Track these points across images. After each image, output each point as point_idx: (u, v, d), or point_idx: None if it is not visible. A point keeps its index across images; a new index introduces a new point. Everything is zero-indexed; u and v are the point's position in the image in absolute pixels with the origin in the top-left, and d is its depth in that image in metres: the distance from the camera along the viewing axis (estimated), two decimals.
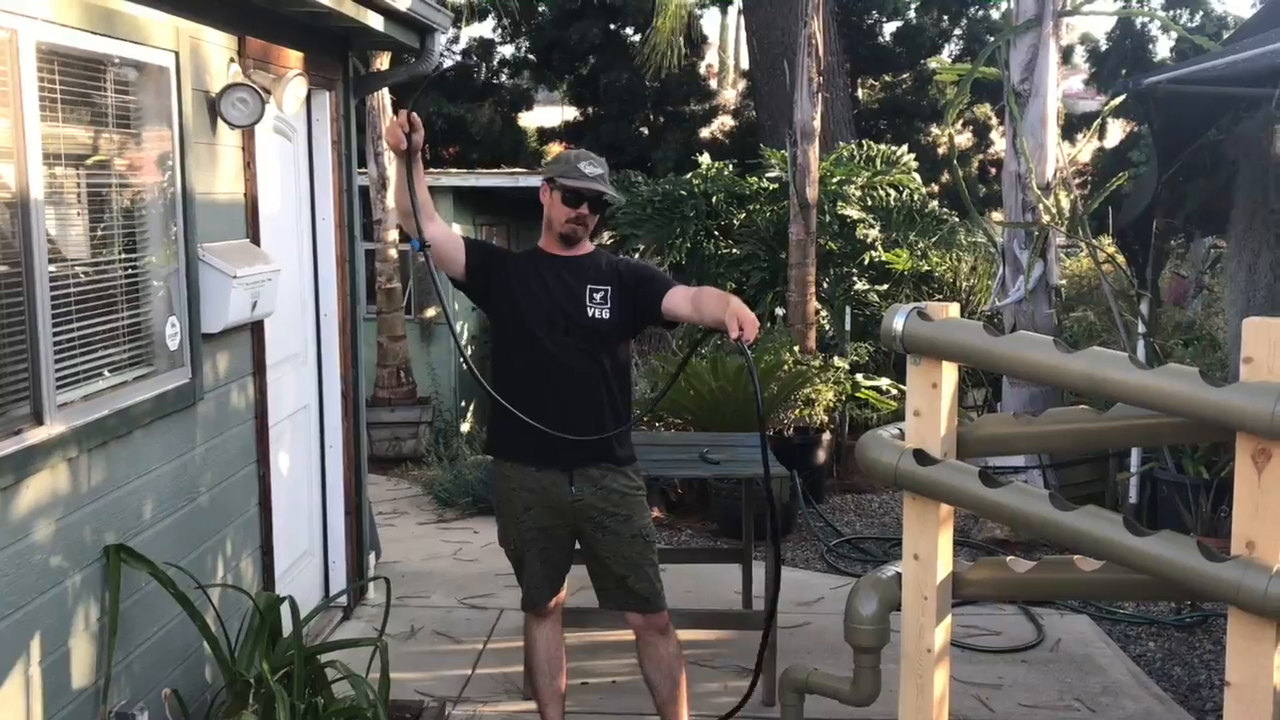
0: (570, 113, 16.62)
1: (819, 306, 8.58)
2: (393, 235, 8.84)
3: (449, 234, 3.44)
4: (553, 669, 3.61)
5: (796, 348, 7.53)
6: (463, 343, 9.92)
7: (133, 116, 3.34)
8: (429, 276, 3.68)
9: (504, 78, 16.50)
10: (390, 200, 8.78)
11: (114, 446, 3.14)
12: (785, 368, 6.99)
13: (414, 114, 3.19)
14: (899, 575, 3.02)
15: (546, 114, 17.91)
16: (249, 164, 3.94)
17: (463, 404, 9.82)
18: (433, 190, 9.48)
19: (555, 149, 16.37)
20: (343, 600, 4.91)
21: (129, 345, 3.30)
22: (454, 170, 10.90)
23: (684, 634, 4.31)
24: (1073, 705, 4.09)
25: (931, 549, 2.89)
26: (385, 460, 8.47)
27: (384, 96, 8.73)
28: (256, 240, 3.99)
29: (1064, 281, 6.75)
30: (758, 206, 9.77)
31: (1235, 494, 2.44)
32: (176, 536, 3.47)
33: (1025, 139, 6.34)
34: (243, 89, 3.67)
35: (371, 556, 5.37)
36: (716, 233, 9.85)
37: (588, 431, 3.33)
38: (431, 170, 10.72)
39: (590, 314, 3.39)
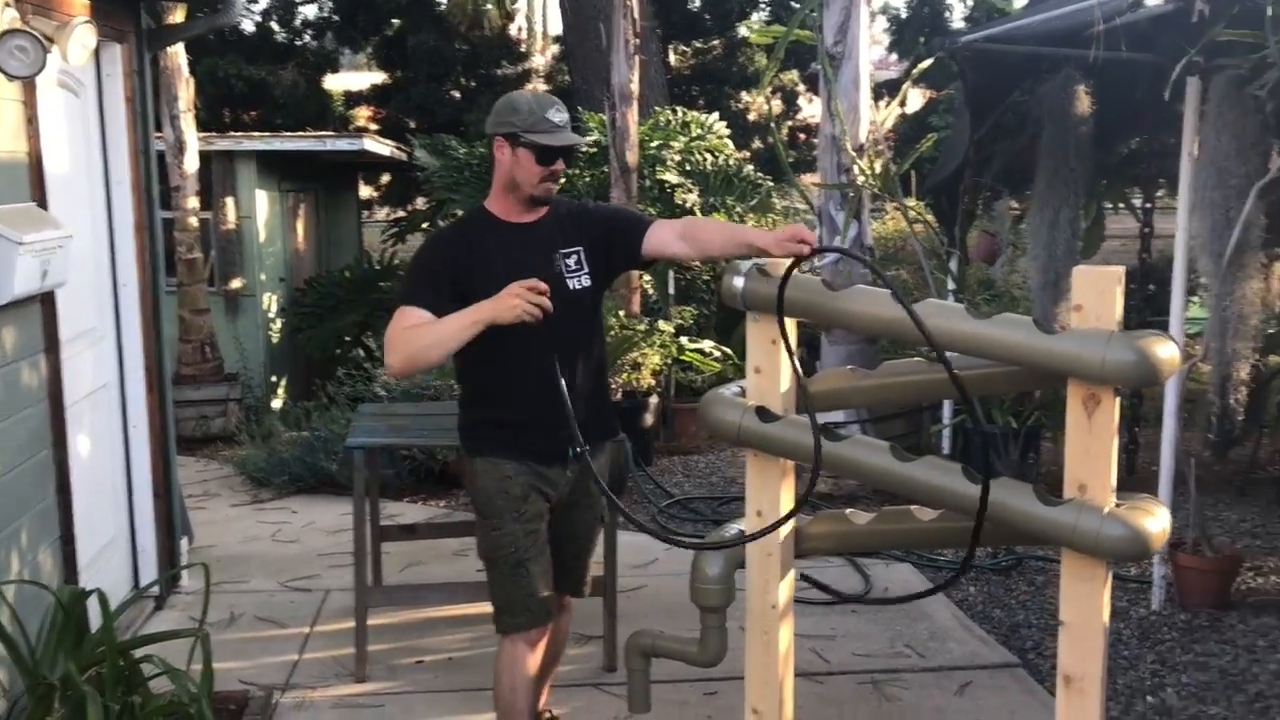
0: (379, 76, 16.07)
1: (642, 271, 8.56)
2: (192, 203, 8.35)
3: (427, 327, 2.85)
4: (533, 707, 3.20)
5: (622, 312, 7.50)
6: (271, 315, 9.50)
7: None
8: None
9: (308, 39, 15.82)
10: (189, 164, 8.28)
11: None
12: (612, 332, 6.94)
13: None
14: (742, 533, 3.01)
15: (353, 77, 17.29)
16: (31, 120, 3.60)
17: (273, 379, 9.41)
18: (233, 155, 9.06)
19: (364, 113, 15.83)
20: (155, 590, 4.61)
21: None
22: (257, 134, 10.36)
23: None
24: (903, 652, 4.21)
25: (775, 505, 2.88)
26: (194, 440, 8.03)
27: (180, 58, 8.20)
28: (43, 204, 3.65)
29: (873, 243, 6.90)
30: (578, 170, 9.67)
31: (1067, 438, 2.50)
32: None
33: (839, 101, 6.44)
34: (21, 36, 3.33)
35: (184, 542, 5.07)
36: None
37: (601, 418, 3.13)
38: (232, 134, 10.19)
39: (571, 286, 2.99)
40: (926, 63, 6.74)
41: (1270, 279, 4.18)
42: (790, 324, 2.86)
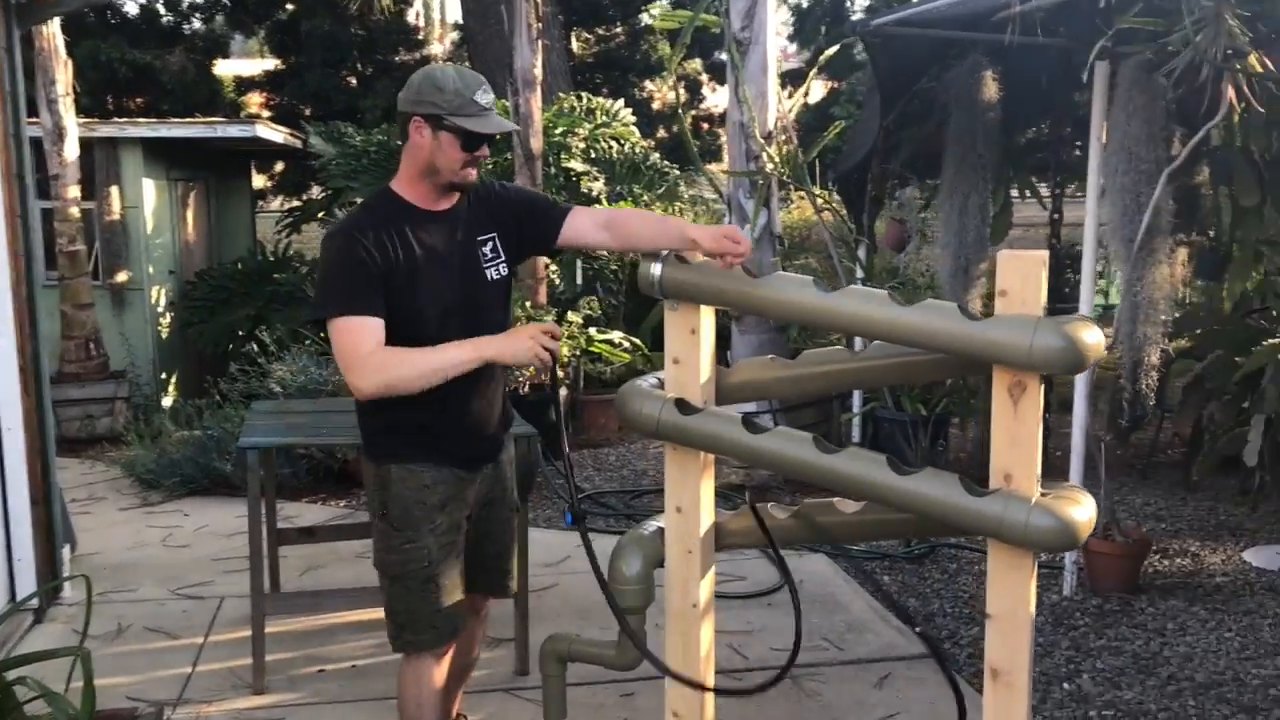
0: (271, 62, 15.58)
1: (548, 261, 8.40)
2: (73, 192, 7.94)
3: (416, 355, 2.63)
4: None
5: (529, 303, 7.34)
6: (160, 309, 9.11)
7: None
8: None
9: (196, 23, 15.26)
10: (69, 151, 7.87)
11: None
12: (519, 324, 6.77)
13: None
14: (661, 530, 2.90)
15: (245, 64, 16.74)
16: None
17: (163, 376, 9.03)
18: (117, 142, 8.65)
19: (256, 99, 15.33)
20: (34, 603, 4.33)
21: None
22: (143, 120, 9.92)
23: None
24: (821, 645, 4.14)
25: (695, 500, 2.78)
26: (77, 441, 7.65)
27: (57, 39, 7.77)
28: None
29: (782, 231, 6.85)
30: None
31: (993, 427, 2.44)
32: None
33: (747, 88, 6.37)
34: None
35: (66, 550, 4.78)
36: None
37: (508, 411, 3.02)
38: (116, 120, 9.75)
39: (490, 276, 2.82)
40: (832, 49, 6.72)
41: (1176, 265, 4.20)
42: (708, 313, 2.76)
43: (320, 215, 10.22)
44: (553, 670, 2.95)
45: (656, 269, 2.64)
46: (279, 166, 14.74)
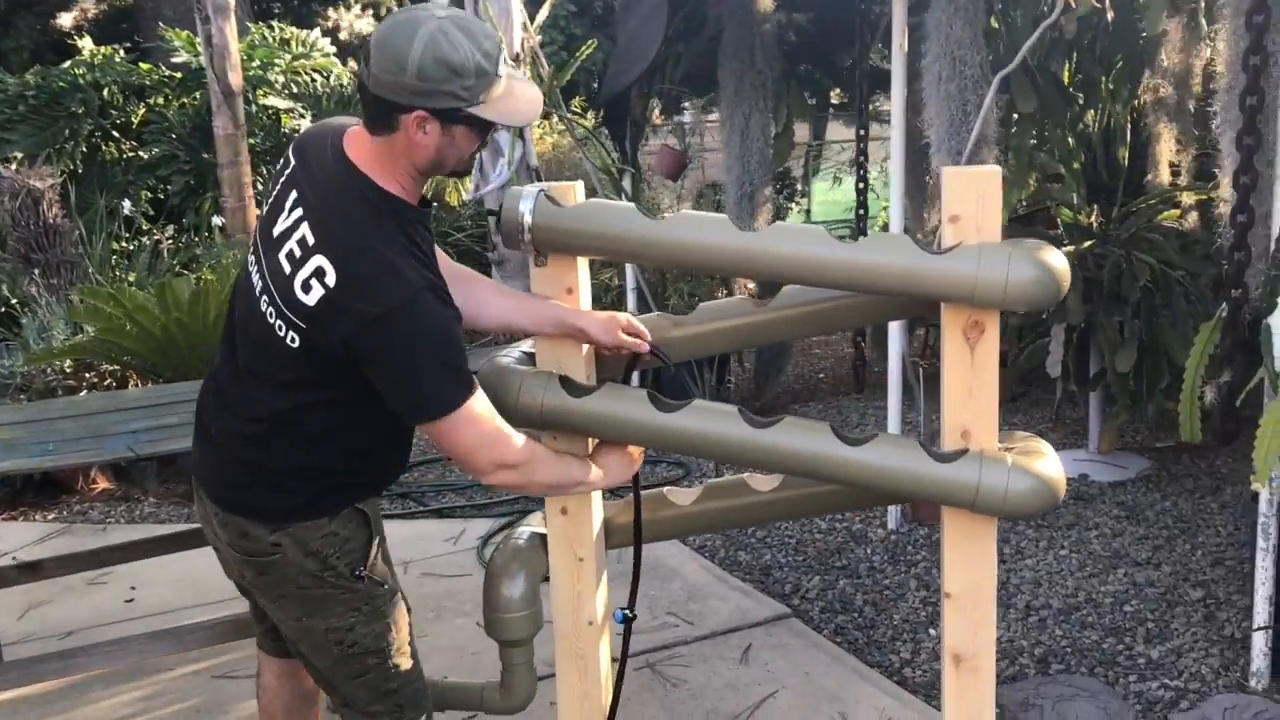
0: None
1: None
2: None
3: (573, 464, 2.18)
4: None
5: None
6: None
7: None
8: None
9: None
10: None
11: None
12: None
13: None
14: (537, 537, 2.37)
15: None
16: None
17: None
18: None
19: None
20: None
21: None
22: None
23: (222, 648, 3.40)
24: (668, 621, 3.74)
25: (584, 499, 2.27)
26: None
27: None
28: None
29: (538, 163, 6.30)
30: (164, 99, 8.29)
31: (945, 375, 2.07)
32: None
33: (489, 5, 5.73)
34: None
35: None
36: (116, 133, 8.23)
37: None
38: None
39: None
40: None
41: None
42: (584, 265, 2.23)
43: None
44: None
45: (526, 209, 2.07)
46: None
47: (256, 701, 2.43)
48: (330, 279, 1.84)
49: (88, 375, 5.62)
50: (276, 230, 1.95)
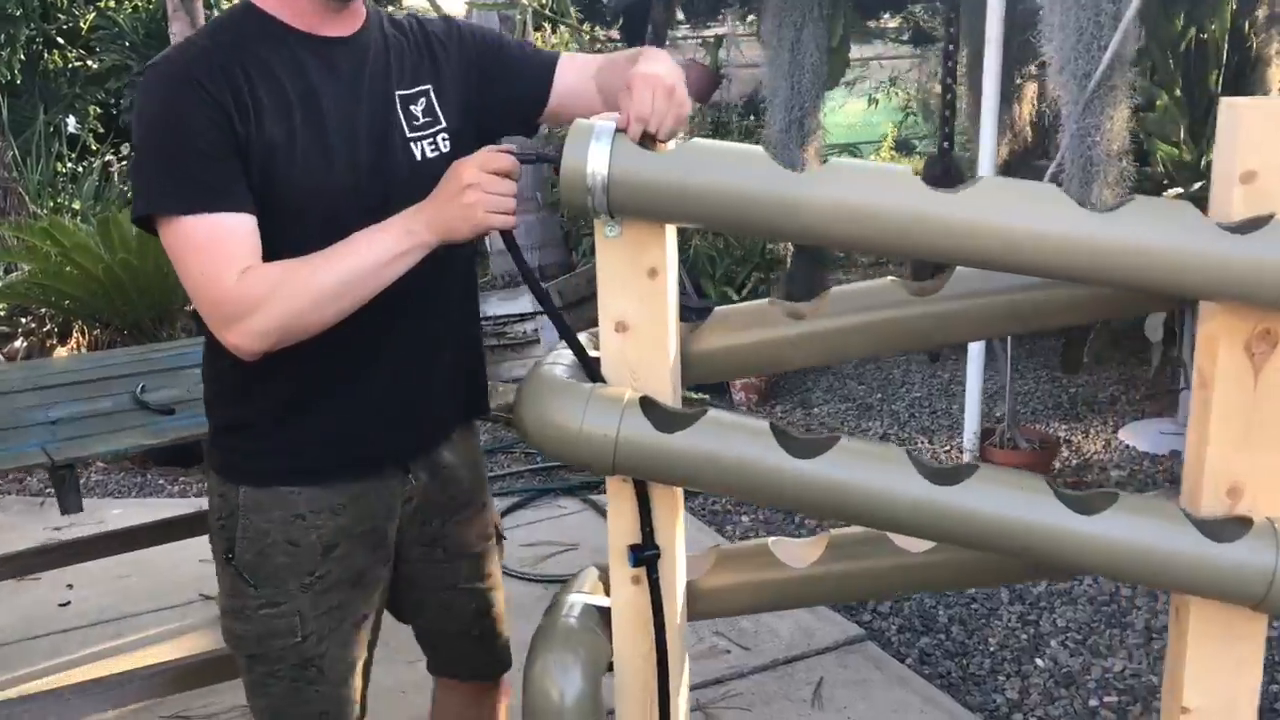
0: None
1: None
2: None
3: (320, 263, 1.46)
4: None
5: None
6: None
7: None
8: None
9: None
10: None
11: None
12: None
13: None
14: (594, 611, 1.72)
15: None
16: None
17: None
18: None
19: None
20: None
21: None
22: None
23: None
24: (719, 645, 3.09)
25: (671, 561, 1.61)
26: None
27: None
28: None
29: None
30: (115, 1, 7.45)
31: (1200, 404, 1.42)
32: None
33: None
34: None
35: None
36: (60, 39, 7.39)
37: (465, 377, 1.79)
38: None
39: (419, 153, 1.61)
40: None
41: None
42: (672, 236, 1.54)
43: None
44: None
45: (601, 155, 1.36)
46: None
47: None
48: None
49: (24, 321, 4.90)
50: None
